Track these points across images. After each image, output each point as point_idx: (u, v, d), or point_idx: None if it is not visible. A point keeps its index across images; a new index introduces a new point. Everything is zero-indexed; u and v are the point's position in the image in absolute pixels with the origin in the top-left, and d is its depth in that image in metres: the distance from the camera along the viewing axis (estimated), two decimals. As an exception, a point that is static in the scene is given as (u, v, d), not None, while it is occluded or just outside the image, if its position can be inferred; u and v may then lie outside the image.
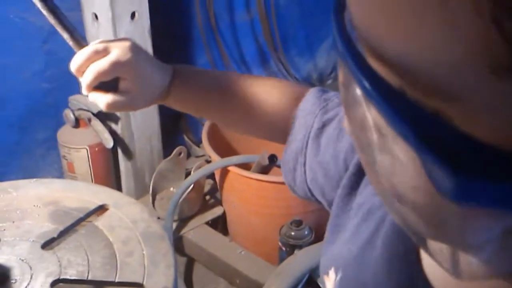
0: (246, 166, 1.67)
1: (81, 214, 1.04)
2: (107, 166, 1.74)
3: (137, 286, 0.90)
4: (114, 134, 1.69)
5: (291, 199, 1.59)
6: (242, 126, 0.71)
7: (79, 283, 0.90)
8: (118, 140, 1.72)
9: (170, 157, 1.76)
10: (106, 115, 1.68)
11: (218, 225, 1.81)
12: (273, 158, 1.63)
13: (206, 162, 1.87)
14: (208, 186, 1.86)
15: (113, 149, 1.70)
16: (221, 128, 1.81)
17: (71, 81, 1.69)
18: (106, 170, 1.73)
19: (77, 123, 1.64)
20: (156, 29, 1.64)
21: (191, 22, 1.96)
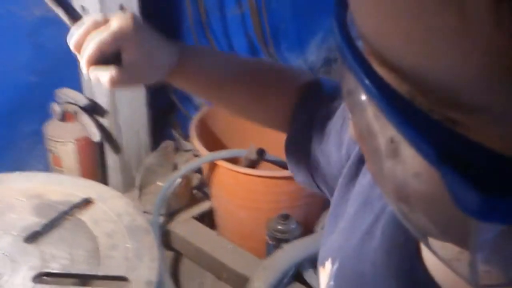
0: (234, 161, 1.66)
1: (65, 208, 1.03)
2: (94, 160, 1.73)
3: (120, 279, 0.90)
4: (101, 128, 1.68)
5: (279, 194, 1.59)
6: (248, 110, 0.68)
7: (63, 277, 0.90)
8: (105, 134, 1.71)
9: (157, 151, 1.75)
10: (93, 109, 1.67)
11: (205, 219, 1.80)
12: (261, 152, 1.63)
13: (195, 156, 1.87)
14: (196, 180, 1.86)
15: (100, 143, 1.70)
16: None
17: (58, 74, 1.69)
18: (93, 164, 1.72)
19: (64, 117, 1.63)
20: (145, 22, 1.62)
21: (181, 16, 1.95)
